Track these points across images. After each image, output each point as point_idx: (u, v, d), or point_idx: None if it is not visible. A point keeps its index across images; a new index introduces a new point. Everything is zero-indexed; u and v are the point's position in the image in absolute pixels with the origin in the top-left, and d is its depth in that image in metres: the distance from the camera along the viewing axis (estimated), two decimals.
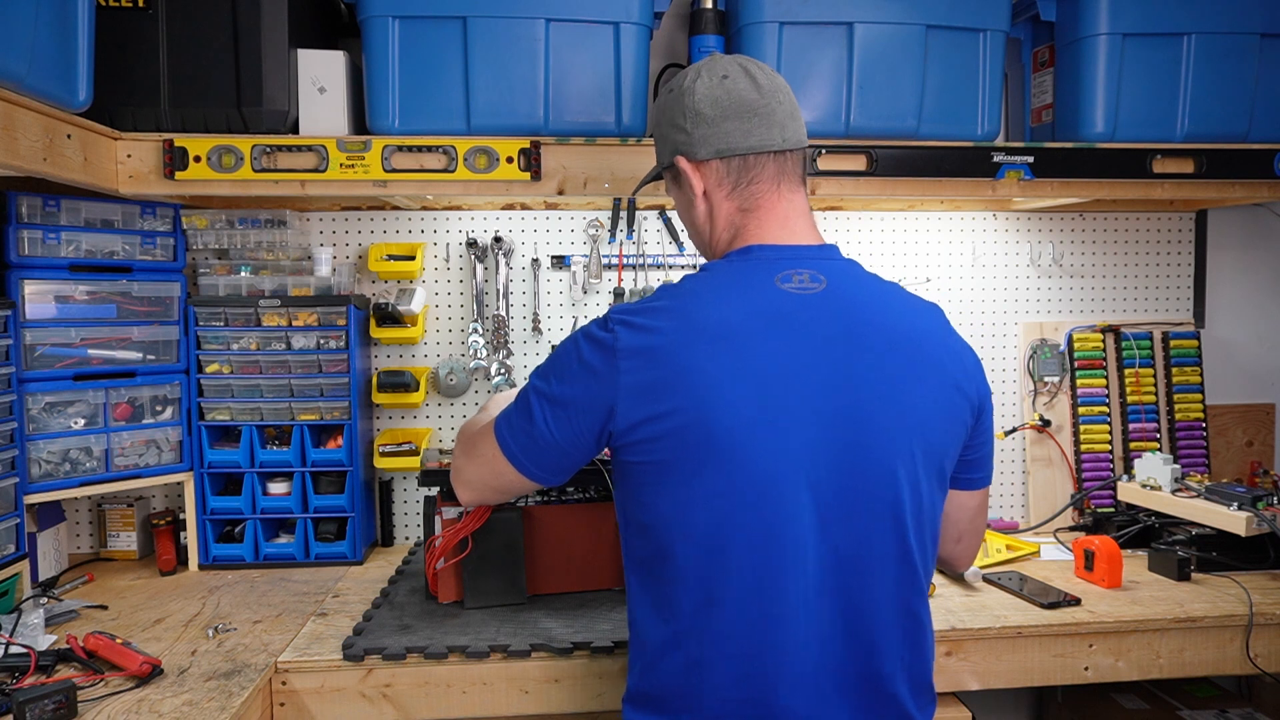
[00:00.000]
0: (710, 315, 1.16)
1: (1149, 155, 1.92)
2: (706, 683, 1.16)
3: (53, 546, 2.01)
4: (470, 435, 1.41)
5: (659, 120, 1.34)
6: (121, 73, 1.74)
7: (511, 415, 1.29)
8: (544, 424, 1.23)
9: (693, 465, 1.14)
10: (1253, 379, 2.50)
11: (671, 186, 1.36)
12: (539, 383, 1.25)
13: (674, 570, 1.17)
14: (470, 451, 1.38)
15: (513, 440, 1.28)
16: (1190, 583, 1.85)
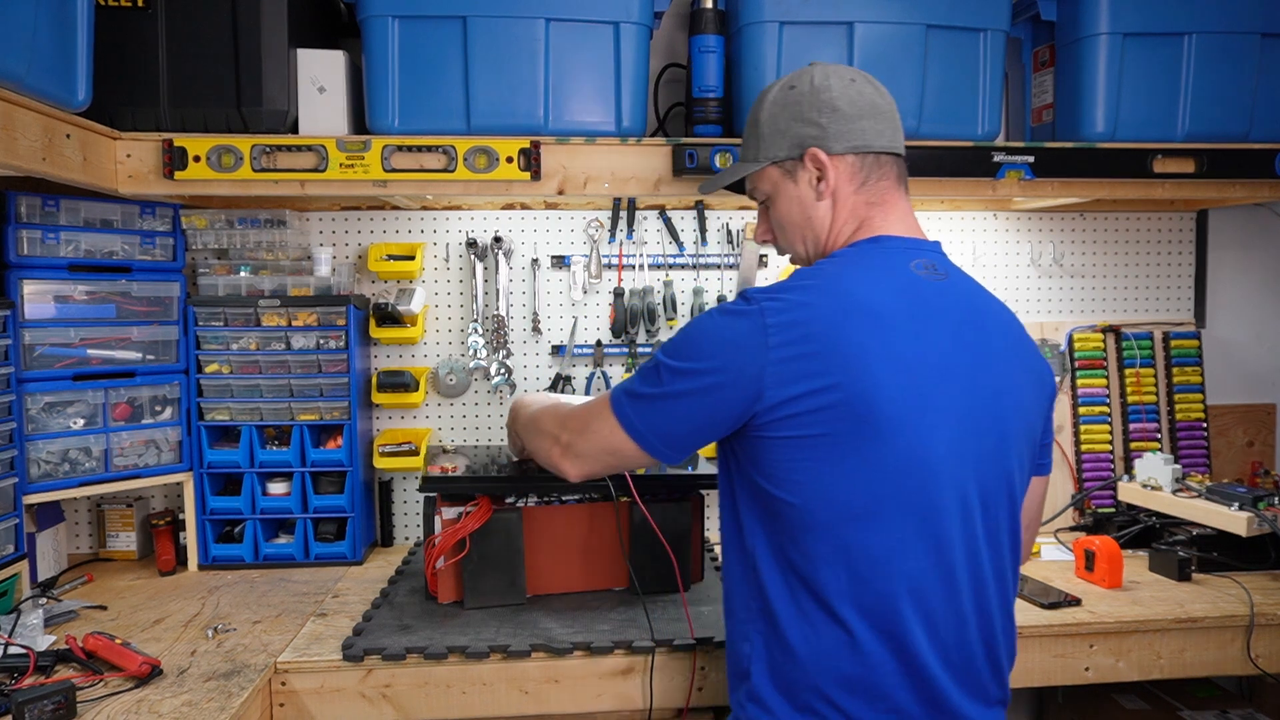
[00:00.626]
0: (857, 293, 1.19)
1: (1149, 155, 1.92)
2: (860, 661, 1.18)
3: (52, 547, 2.01)
4: (571, 412, 1.38)
5: (775, 115, 1.32)
6: (121, 73, 1.74)
7: (637, 390, 1.26)
8: (679, 400, 1.20)
9: (853, 441, 1.14)
10: (1253, 379, 2.50)
11: (781, 184, 1.33)
12: (670, 360, 1.22)
13: (825, 550, 1.16)
14: (581, 427, 1.34)
15: (637, 417, 1.25)
16: (1191, 583, 1.85)
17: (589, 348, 2.29)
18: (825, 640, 1.17)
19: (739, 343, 1.16)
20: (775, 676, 1.20)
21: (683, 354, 1.21)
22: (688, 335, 1.23)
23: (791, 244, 1.37)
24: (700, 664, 1.57)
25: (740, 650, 1.25)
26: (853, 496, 1.15)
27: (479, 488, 1.76)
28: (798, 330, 1.14)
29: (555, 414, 1.42)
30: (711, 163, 1.81)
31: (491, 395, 2.28)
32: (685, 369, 1.20)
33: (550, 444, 1.39)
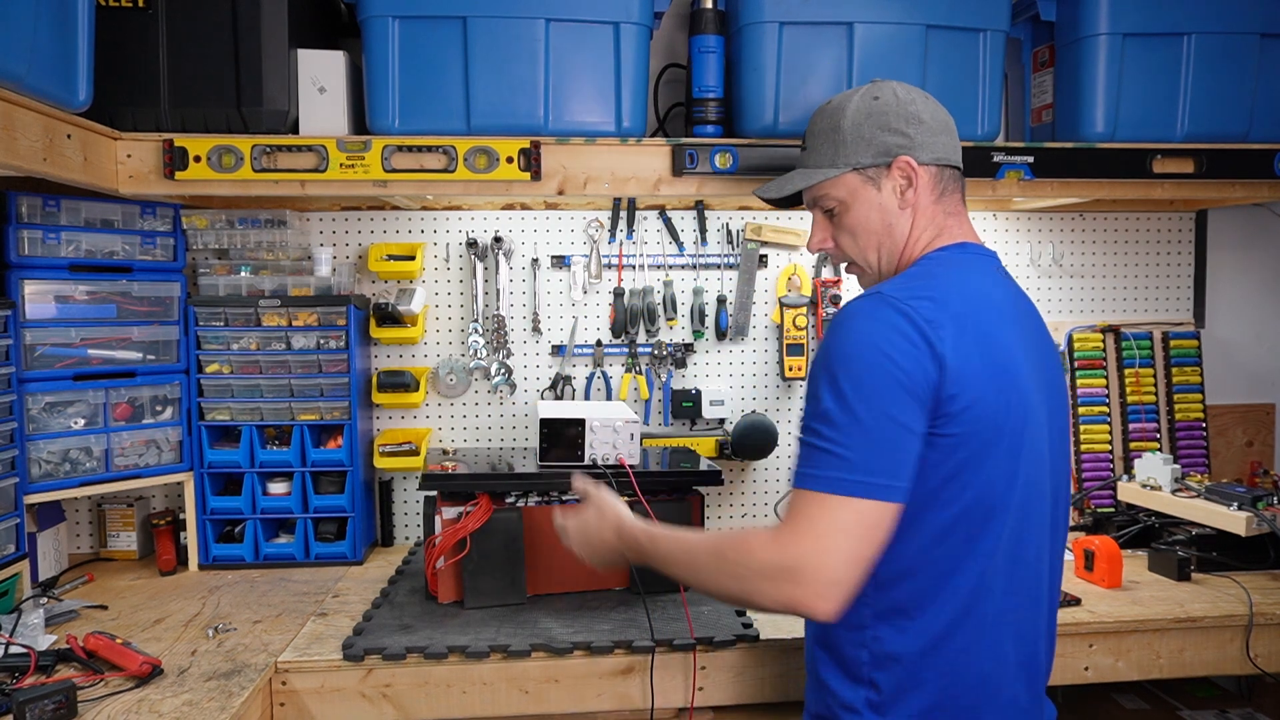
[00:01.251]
0: (976, 292, 1.22)
1: (1149, 155, 1.92)
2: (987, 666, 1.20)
3: (53, 546, 2.01)
4: (777, 541, 1.11)
5: (859, 123, 1.32)
6: (121, 73, 1.74)
7: (850, 455, 1.09)
8: (900, 420, 1.10)
9: (1012, 438, 1.17)
10: (1253, 379, 2.50)
11: (860, 191, 1.33)
12: (850, 388, 1.11)
13: (979, 549, 1.17)
14: (811, 546, 1.09)
15: (871, 474, 1.09)
16: (1190, 583, 1.85)
17: (589, 348, 2.29)
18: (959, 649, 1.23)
19: (911, 343, 1.14)
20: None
21: (859, 379, 1.13)
22: (848, 361, 1.15)
23: (863, 252, 1.35)
24: (700, 664, 1.57)
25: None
26: (1013, 498, 1.19)
27: (479, 486, 1.76)
28: (952, 327, 1.15)
29: (746, 541, 1.16)
30: (711, 163, 1.81)
31: (491, 395, 2.28)
32: (873, 388, 1.12)
33: (765, 581, 1.12)
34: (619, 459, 1.79)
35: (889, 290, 1.18)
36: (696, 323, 2.29)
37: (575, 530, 1.43)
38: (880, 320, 1.15)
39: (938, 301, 1.17)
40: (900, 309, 1.15)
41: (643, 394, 2.29)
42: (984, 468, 1.16)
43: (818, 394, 1.15)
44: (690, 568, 1.23)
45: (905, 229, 1.32)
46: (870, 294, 1.20)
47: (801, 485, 1.12)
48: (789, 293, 2.30)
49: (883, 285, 1.22)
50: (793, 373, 2.29)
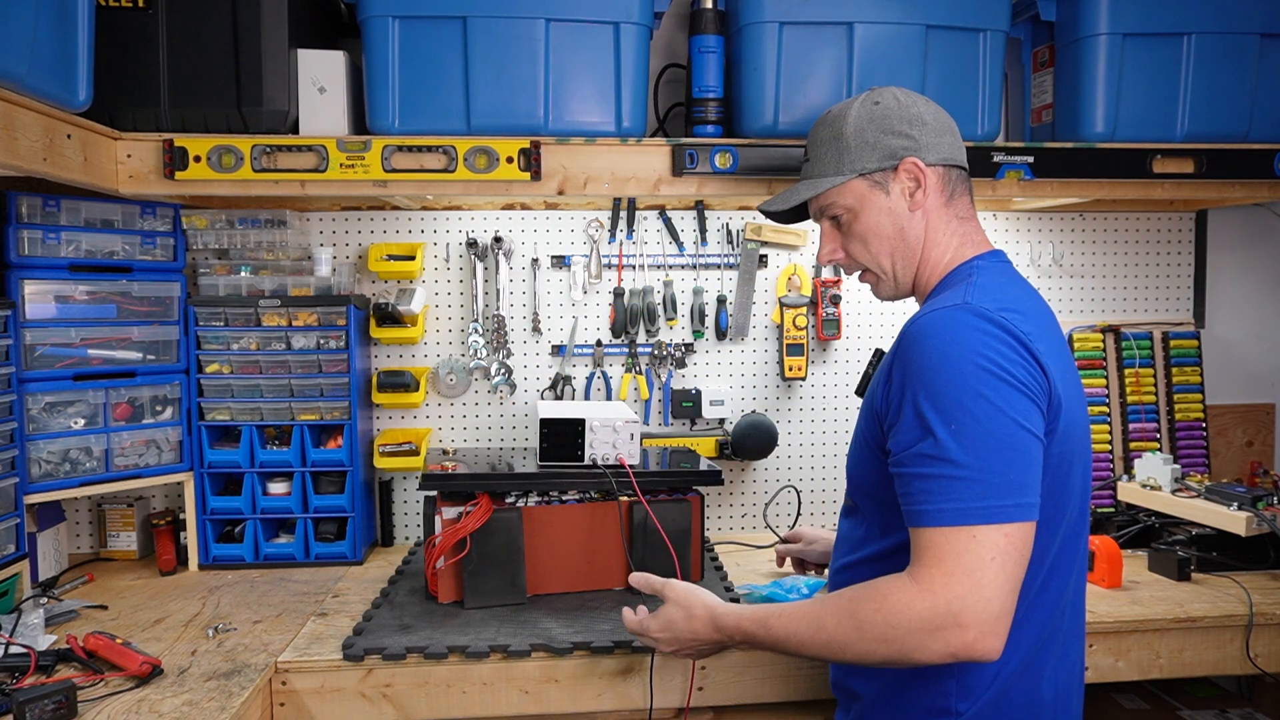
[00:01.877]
0: (1037, 306, 1.23)
1: (1149, 155, 1.92)
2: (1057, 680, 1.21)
3: (53, 546, 2.01)
4: (927, 588, 1.04)
5: (861, 128, 1.31)
6: (121, 73, 1.74)
7: (986, 477, 1.04)
8: (1029, 429, 1.07)
9: (1086, 456, 1.20)
10: (1253, 379, 2.50)
11: (869, 197, 1.31)
12: (970, 405, 1.05)
13: (1057, 572, 1.18)
14: (969, 584, 1.02)
15: (1019, 494, 1.04)
16: (1190, 583, 1.85)
17: (589, 348, 2.29)
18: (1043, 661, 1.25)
19: (1022, 358, 1.12)
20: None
21: (986, 395, 1.08)
22: (967, 378, 1.09)
23: (876, 258, 1.33)
24: (700, 663, 1.57)
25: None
26: (1073, 507, 1.20)
27: (479, 485, 1.76)
28: (1043, 341, 1.14)
29: (886, 597, 1.08)
30: (711, 163, 1.81)
31: (491, 395, 2.28)
32: (1007, 402, 1.08)
33: (925, 634, 1.04)
34: (619, 459, 1.79)
35: (975, 301, 1.13)
36: (696, 323, 2.29)
37: (662, 634, 1.33)
38: (980, 331, 1.09)
39: (1023, 314, 1.14)
40: (996, 321, 1.10)
41: (643, 394, 2.29)
42: (1072, 485, 1.17)
43: (922, 419, 1.07)
44: (822, 644, 1.13)
45: (919, 233, 1.30)
46: (954, 306, 1.13)
47: (939, 523, 1.04)
48: (789, 293, 2.30)
49: (959, 296, 1.16)
50: (793, 373, 2.29)
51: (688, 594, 1.32)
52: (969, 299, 1.14)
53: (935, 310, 1.14)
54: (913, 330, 1.14)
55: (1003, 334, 1.09)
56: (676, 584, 1.36)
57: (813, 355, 2.34)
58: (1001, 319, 1.11)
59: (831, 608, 1.13)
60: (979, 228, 1.34)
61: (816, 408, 2.35)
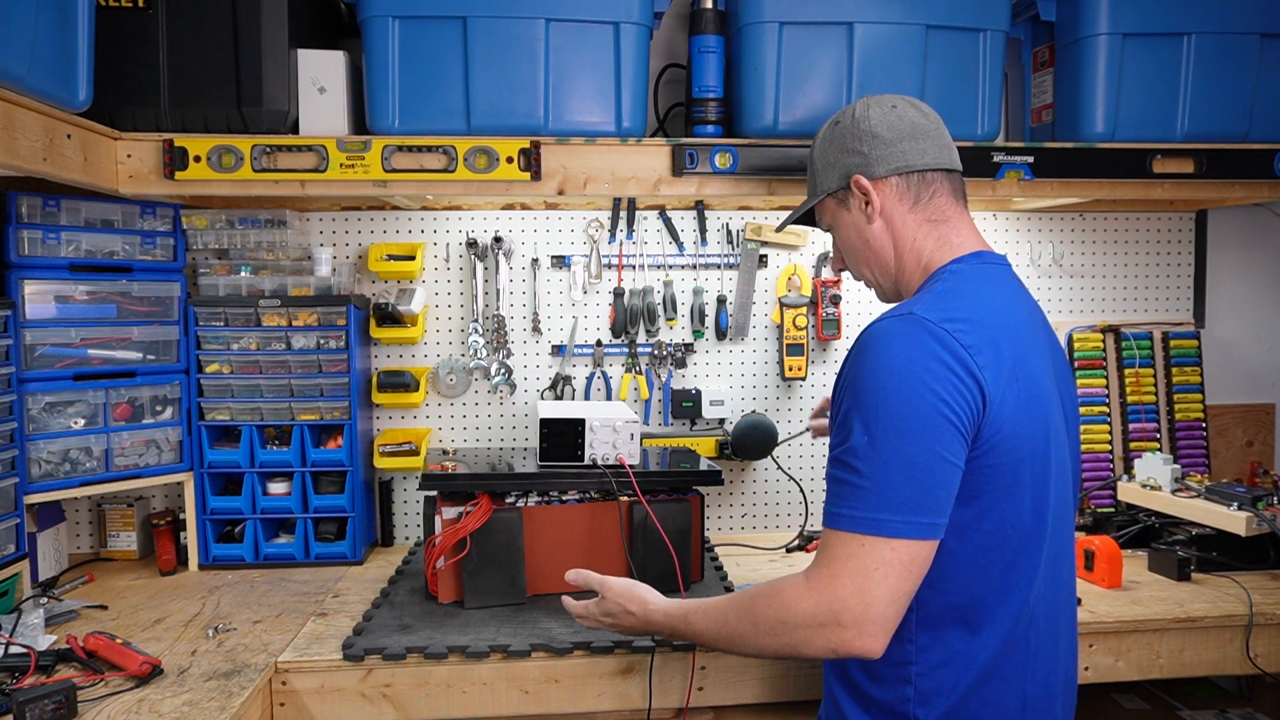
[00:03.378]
0: (1004, 311, 1.20)
1: (1149, 155, 1.92)
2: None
3: (53, 546, 2.01)
4: (815, 587, 1.10)
5: (825, 151, 1.38)
6: (121, 73, 1.74)
7: (889, 493, 1.07)
8: (942, 455, 1.07)
9: (1043, 464, 1.17)
10: (1253, 379, 2.50)
11: (838, 214, 1.38)
12: (886, 420, 1.07)
13: (1012, 581, 1.17)
14: (853, 588, 1.07)
15: (914, 513, 1.07)
16: (1190, 583, 1.85)
17: (589, 348, 2.29)
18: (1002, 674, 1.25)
19: (953, 369, 1.12)
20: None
21: (897, 412, 1.09)
22: (885, 391, 1.11)
23: (858, 269, 1.40)
24: (700, 664, 1.57)
25: None
26: (1035, 520, 1.19)
27: (479, 485, 1.76)
28: (989, 352, 1.13)
29: (779, 594, 1.14)
30: (711, 163, 1.81)
31: (491, 395, 2.28)
32: (918, 421, 1.10)
33: (811, 631, 1.10)
34: (619, 459, 1.79)
35: (922, 311, 1.13)
36: (696, 323, 2.29)
37: (606, 619, 1.43)
38: (917, 345, 1.10)
39: (974, 323, 1.14)
40: (938, 333, 1.10)
41: (643, 394, 2.29)
42: (1020, 496, 1.15)
43: (849, 425, 1.10)
44: (726, 637, 1.22)
45: (887, 243, 1.32)
46: (901, 314, 1.14)
47: (836, 526, 1.09)
48: (789, 293, 2.30)
49: (913, 304, 1.17)
50: (793, 373, 2.29)
51: (628, 589, 1.40)
52: (915, 309, 1.15)
53: (883, 319, 1.16)
54: (862, 336, 1.16)
55: (940, 349, 1.10)
56: (613, 582, 1.42)
57: (813, 355, 2.34)
58: (943, 331, 1.11)
59: (735, 604, 1.21)
60: (961, 228, 1.30)
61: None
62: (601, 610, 1.42)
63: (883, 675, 1.19)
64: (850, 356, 1.17)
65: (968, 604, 1.16)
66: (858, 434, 1.09)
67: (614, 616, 1.41)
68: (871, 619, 1.07)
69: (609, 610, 1.41)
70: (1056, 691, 1.24)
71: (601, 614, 1.43)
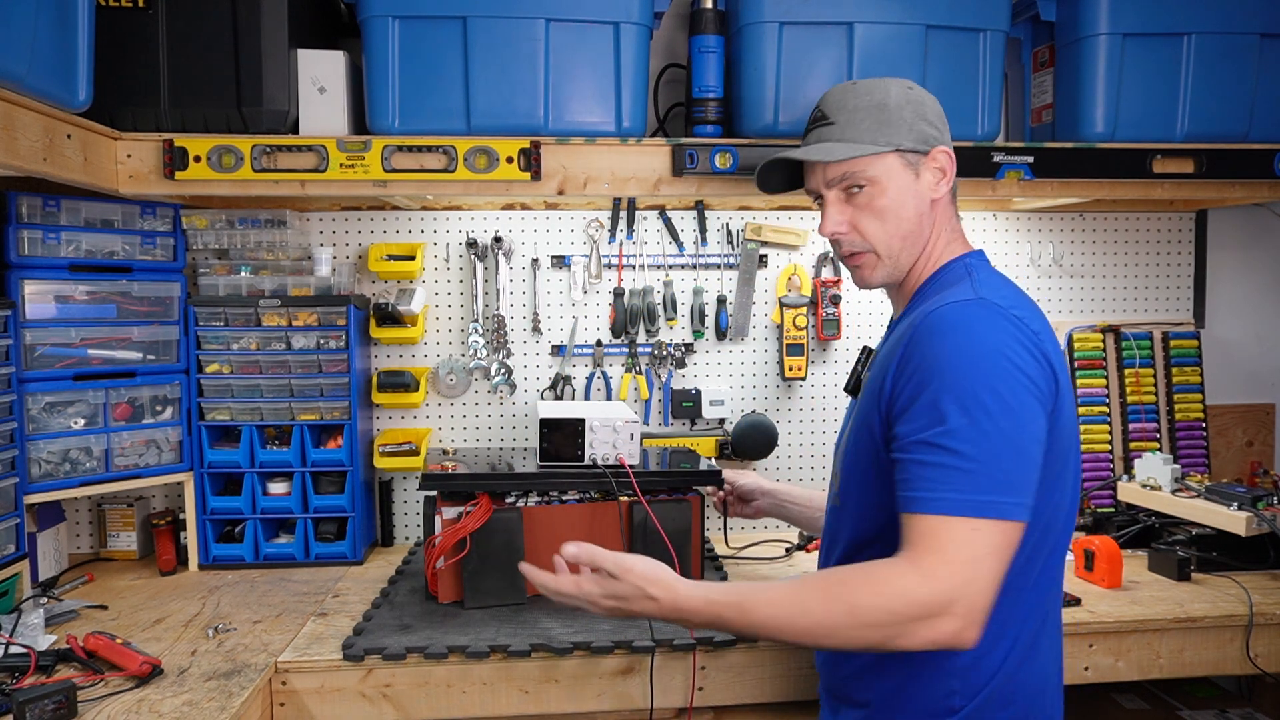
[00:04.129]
0: (1032, 304, 1.23)
1: (1149, 155, 1.92)
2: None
3: (53, 546, 2.01)
4: (926, 574, 1.03)
5: (901, 106, 1.29)
6: (121, 73, 1.74)
7: (995, 474, 1.04)
8: (1036, 434, 1.08)
9: (1078, 444, 1.21)
10: (1253, 379, 2.50)
11: (897, 174, 1.28)
12: (988, 400, 1.05)
13: (1052, 562, 1.20)
14: (966, 575, 1.03)
15: (1019, 493, 1.05)
16: (1190, 583, 1.85)
17: (589, 348, 2.29)
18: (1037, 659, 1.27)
19: (1037, 355, 1.14)
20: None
21: (1002, 392, 1.09)
22: (985, 371, 1.10)
23: (889, 239, 1.29)
24: (700, 664, 1.57)
25: None
26: (1067, 504, 1.21)
27: (479, 485, 1.76)
28: (1048, 337, 1.18)
29: (886, 582, 1.06)
30: (711, 163, 1.81)
31: (491, 395, 2.28)
32: (1019, 403, 1.10)
33: (914, 622, 1.04)
34: (619, 459, 1.79)
35: (989, 296, 1.14)
36: (696, 323, 2.29)
37: (606, 601, 1.21)
38: (999, 328, 1.10)
39: (1029, 311, 1.17)
40: (1011, 317, 1.11)
41: (643, 394, 2.29)
42: (1068, 479, 1.19)
43: (941, 408, 1.06)
44: (804, 628, 1.08)
45: (930, 224, 1.31)
46: (970, 300, 1.14)
47: (940, 511, 1.04)
48: (789, 293, 2.30)
49: (973, 289, 1.17)
50: (793, 373, 2.29)
51: (653, 570, 1.18)
52: (982, 294, 1.15)
53: (951, 303, 1.14)
54: (931, 321, 1.13)
55: (1018, 332, 1.11)
56: (633, 561, 1.19)
57: (813, 355, 2.34)
58: (1015, 315, 1.13)
59: (817, 591, 1.08)
60: (961, 229, 1.38)
61: (816, 408, 2.35)
62: (607, 590, 1.20)
63: (925, 674, 1.18)
64: (921, 340, 1.12)
65: (1015, 588, 1.14)
66: (953, 417, 1.05)
67: (624, 600, 1.19)
68: (980, 608, 1.03)
69: (619, 593, 1.19)
70: (1060, 675, 1.30)
71: (605, 594, 1.20)
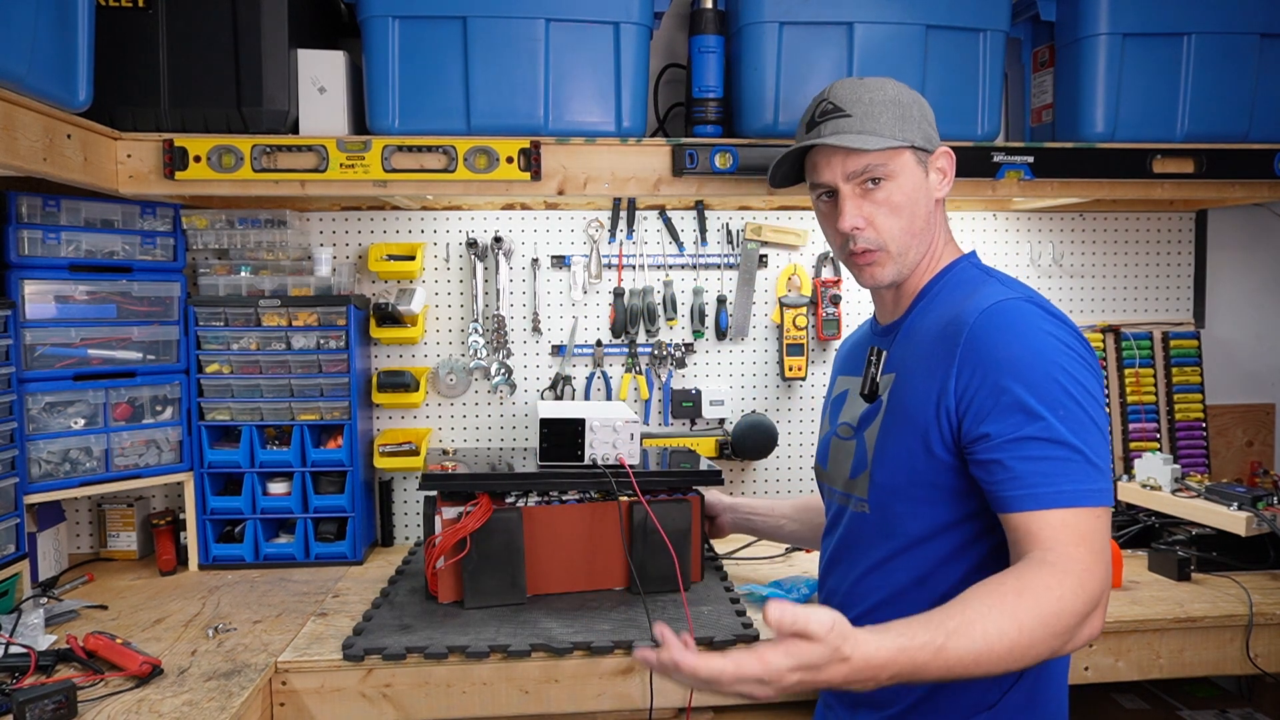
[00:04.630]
0: None
1: (1149, 155, 1.92)
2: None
3: (53, 546, 2.01)
4: (1085, 577, 1.01)
5: (910, 105, 1.29)
6: (121, 73, 1.74)
7: (1101, 463, 1.08)
8: (1107, 424, 1.14)
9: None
10: (1253, 379, 2.50)
11: (910, 169, 1.28)
12: (1077, 392, 1.10)
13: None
14: (1106, 569, 1.04)
15: (1110, 477, 1.11)
16: (1190, 583, 1.85)
17: (589, 348, 2.29)
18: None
19: (1094, 357, 1.20)
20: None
21: (1089, 387, 1.14)
22: (1074, 368, 1.12)
23: (903, 235, 1.28)
24: None
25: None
26: None
27: (479, 485, 1.76)
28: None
29: (1051, 590, 0.99)
30: (711, 163, 1.81)
31: (491, 395, 2.28)
32: (1100, 401, 1.15)
33: (1082, 622, 1.01)
34: (619, 459, 1.79)
35: (1033, 296, 1.20)
36: (696, 323, 2.29)
37: (795, 675, 0.90)
38: (1056, 325, 1.15)
39: (1062, 309, 1.23)
40: (1058, 314, 1.17)
41: (643, 394, 2.29)
42: None
43: (1022, 405, 1.07)
44: (1004, 652, 0.96)
45: (937, 222, 1.34)
46: (1016, 299, 1.17)
47: (1063, 504, 1.03)
48: (789, 293, 2.30)
49: (1010, 291, 1.21)
50: (793, 373, 2.29)
51: (842, 623, 0.92)
52: (1026, 294, 1.20)
53: (1001, 301, 1.17)
54: (991, 320, 1.14)
55: (1068, 327, 1.16)
56: (822, 618, 0.91)
57: (813, 355, 2.34)
58: (1057, 314, 1.18)
59: (998, 611, 0.97)
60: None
61: (816, 408, 2.35)
62: (796, 662, 0.90)
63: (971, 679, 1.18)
64: (985, 338, 1.13)
65: None
66: (1044, 411, 1.07)
67: (817, 670, 0.90)
68: (1108, 598, 1.03)
69: (810, 660, 0.90)
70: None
71: (794, 666, 0.90)
